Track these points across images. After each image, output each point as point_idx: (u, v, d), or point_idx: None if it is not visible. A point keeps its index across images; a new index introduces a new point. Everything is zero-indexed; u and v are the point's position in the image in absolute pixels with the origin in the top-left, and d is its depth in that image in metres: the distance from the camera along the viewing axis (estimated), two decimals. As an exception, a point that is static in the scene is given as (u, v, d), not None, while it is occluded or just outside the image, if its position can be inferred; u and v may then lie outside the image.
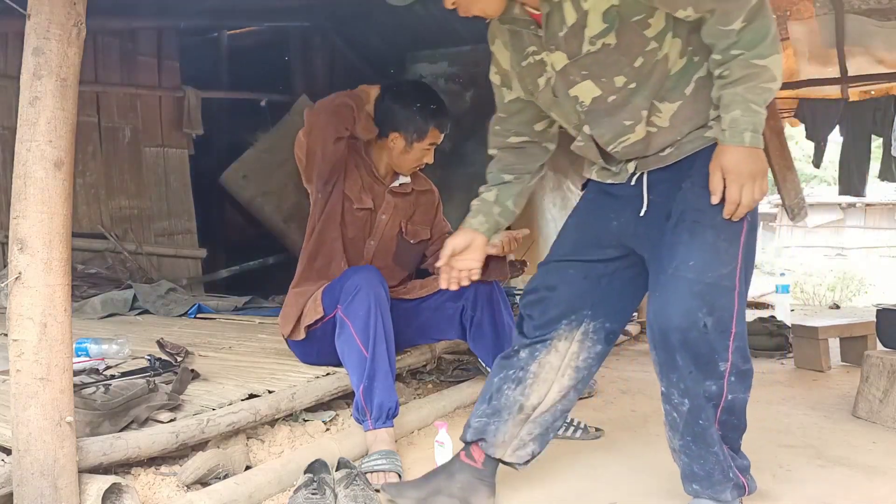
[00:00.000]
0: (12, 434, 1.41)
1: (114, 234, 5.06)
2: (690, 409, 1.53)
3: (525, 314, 1.74)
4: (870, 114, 6.13)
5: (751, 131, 1.42)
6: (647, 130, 1.54)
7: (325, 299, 2.19)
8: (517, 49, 1.62)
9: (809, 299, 8.41)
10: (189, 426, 1.77)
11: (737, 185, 1.43)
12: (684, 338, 1.47)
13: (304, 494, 1.64)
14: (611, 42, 1.44)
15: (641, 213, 1.59)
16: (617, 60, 1.46)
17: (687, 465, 1.60)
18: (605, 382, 3.08)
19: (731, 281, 1.48)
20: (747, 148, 1.42)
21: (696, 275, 1.46)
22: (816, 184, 24.63)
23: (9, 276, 1.38)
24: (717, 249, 1.47)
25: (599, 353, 1.73)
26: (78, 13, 1.40)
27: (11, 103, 4.44)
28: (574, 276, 1.69)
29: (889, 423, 2.38)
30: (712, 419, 1.54)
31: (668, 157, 1.56)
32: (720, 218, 1.47)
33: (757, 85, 1.40)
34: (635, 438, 2.28)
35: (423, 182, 2.52)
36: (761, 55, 1.39)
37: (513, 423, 1.70)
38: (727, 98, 1.43)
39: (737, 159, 1.43)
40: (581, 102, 1.56)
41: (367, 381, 2.01)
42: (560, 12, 1.46)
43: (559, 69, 1.54)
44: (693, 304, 1.46)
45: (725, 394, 1.52)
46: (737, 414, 1.58)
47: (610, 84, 1.50)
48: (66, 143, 1.39)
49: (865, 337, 3.43)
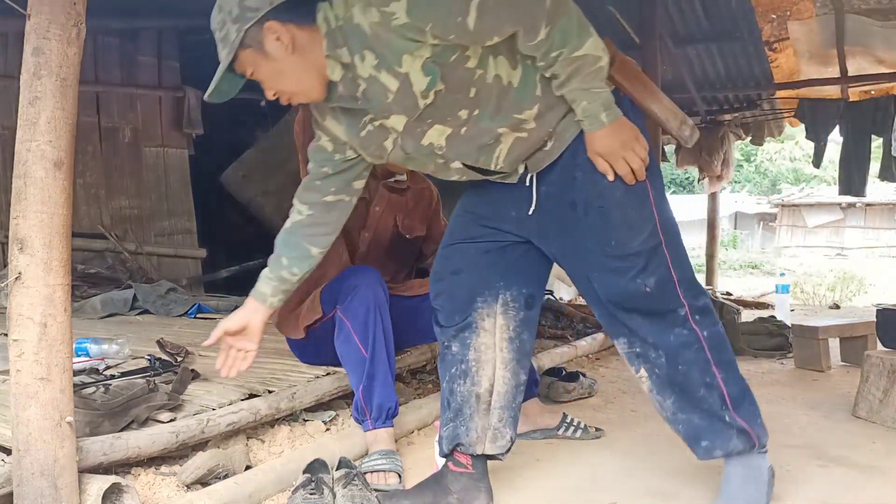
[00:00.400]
0: (12, 434, 1.41)
1: (114, 234, 5.07)
2: (667, 358, 1.57)
3: (437, 305, 1.76)
4: (870, 114, 6.14)
5: (604, 111, 1.48)
6: (516, 136, 1.54)
7: (324, 299, 2.19)
8: (352, 123, 1.60)
9: (809, 299, 8.41)
10: (189, 426, 1.77)
11: (619, 160, 1.51)
12: (633, 305, 1.56)
13: (302, 495, 1.64)
14: (441, 88, 1.44)
15: (530, 211, 1.62)
16: (453, 99, 1.46)
17: (687, 423, 1.61)
18: (605, 382, 3.09)
19: (656, 238, 1.55)
20: (609, 126, 1.49)
21: (621, 251, 1.54)
22: (816, 184, 24.64)
23: (9, 276, 1.38)
24: (631, 221, 1.54)
25: (525, 319, 1.73)
26: (78, 13, 1.40)
27: (11, 103, 4.44)
28: (476, 255, 1.70)
29: (889, 423, 2.38)
30: (691, 363, 1.57)
31: (553, 150, 1.57)
32: (620, 193, 1.54)
33: (587, 73, 1.45)
34: (635, 438, 2.28)
35: (420, 180, 2.52)
36: (577, 48, 1.43)
37: (478, 416, 1.71)
38: (569, 95, 1.49)
39: (606, 141, 1.50)
40: (438, 146, 1.56)
41: (366, 381, 2.01)
42: (378, 83, 1.44)
43: (402, 129, 1.54)
44: (630, 274, 1.54)
45: (700, 333, 1.57)
46: (722, 349, 1.60)
47: (456, 120, 1.50)
48: (66, 143, 1.39)
49: (865, 337, 3.44)
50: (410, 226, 2.47)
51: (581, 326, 4.33)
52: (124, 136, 5.30)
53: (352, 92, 1.50)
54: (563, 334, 4.02)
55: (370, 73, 1.44)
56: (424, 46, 1.38)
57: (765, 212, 25.06)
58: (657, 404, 1.64)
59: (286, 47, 1.44)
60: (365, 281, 2.07)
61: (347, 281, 2.11)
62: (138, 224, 5.36)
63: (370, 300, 2.04)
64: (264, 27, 1.43)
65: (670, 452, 2.12)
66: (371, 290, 2.06)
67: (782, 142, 23.57)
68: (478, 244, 1.71)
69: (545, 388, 2.75)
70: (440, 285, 1.75)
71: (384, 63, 1.41)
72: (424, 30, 1.35)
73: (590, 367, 3.45)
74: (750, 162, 27.95)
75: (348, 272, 2.18)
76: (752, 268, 16.01)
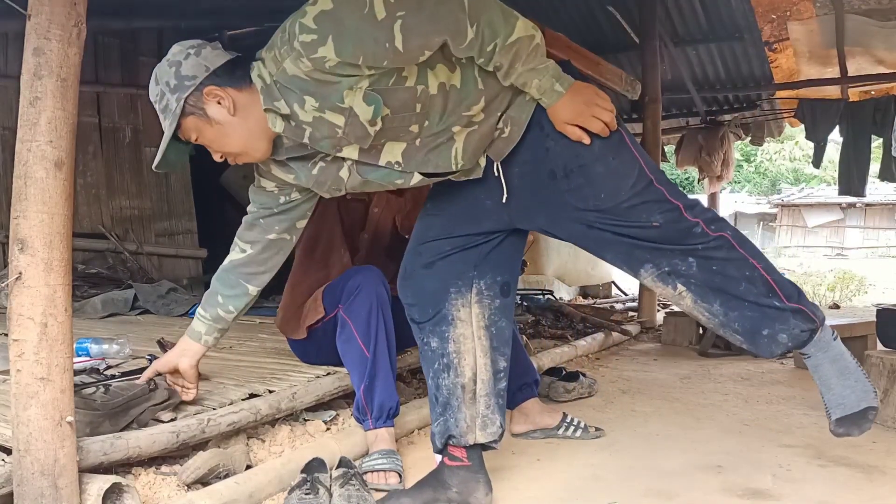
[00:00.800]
0: (12, 434, 1.41)
1: (114, 234, 5.06)
2: (699, 265, 1.56)
3: (408, 302, 1.77)
4: (870, 114, 6.14)
5: (556, 81, 1.50)
6: (468, 131, 1.55)
7: (326, 299, 2.19)
8: (302, 166, 1.62)
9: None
10: (189, 426, 1.77)
11: (589, 119, 1.52)
12: (649, 243, 1.56)
13: (297, 495, 1.64)
14: (386, 112, 1.46)
15: (503, 199, 1.63)
16: (401, 118, 1.48)
17: (740, 319, 1.57)
18: (605, 382, 3.09)
19: (645, 178, 1.56)
20: (567, 93, 1.51)
21: (614, 202, 1.54)
22: (816, 184, 24.64)
23: (9, 276, 1.38)
24: (615, 171, 1.55)
25: (501, 307, 1.74)
26: (78, 13, 1.39)
27: (12, 103, 4.45)
28: (450, 250, 1.72)
29: (889, 423, 2.38)
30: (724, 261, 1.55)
31: (513, 135, 1.58)
32: (597, 147, 1.54)
33: (527, 55, 1.47)
34: (635, 438, 2.28)
35: None
36: (508, 34, 1.44)
37: (466, 406, 1.71)
38: (518, 81, 1.50)
39: (570, 107, 1.51)
40: (395, 163, 1.57)
41: (368, 381, 2.01)
42: (325, 122, 1.46)
43: (357, 157, 1.55)
44: (633, 219, 1.55)
45: (724, 234, 1.57)
46: (750, 244, 1.60)
47: (408, 134, 1.52)
48: (66, 144, 1.39)
49: (865, 337, 3.44)
50: (410, 226, 2.46)
51: (581, 326, 4.34)
52: (125, 136, 5.30)
53: (299, 139, 1.53)
54: (563, 334, 4.03)
55: (313, 115, 1.46)
56: (362, 78, 1.40)
57: (765, 212, 25.08)
58: (706, 316, 1.60)
59: (228, 109, 1.49)
60: (368, 280, 2.08)
61: (350, 281, 2.11)
62: (139, 224, 5.36)
63: (373, 300, 2.05)
64: (204, 93, 1.48)
65: (670, 452, 2.13)
66: (374, 290, 2.06)
67: (782, 142, 23.57)
68: (453, 240, 1.72)
69: (545, 388, 2.75)
70: (409, 281, 1.76)
71: (326, 104, 1.44)
72: (357, 64, 1.38)
73: (590, 367, 3.45)
74: (750, 162, 27.94)
75: (351, 272, 2.18)
76: (752, 268, 15.95)
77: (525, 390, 2.30)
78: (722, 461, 2.04)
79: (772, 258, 9.85)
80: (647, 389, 2.99)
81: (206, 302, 1.82)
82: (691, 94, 6.42)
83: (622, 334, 4.30)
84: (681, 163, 7.26)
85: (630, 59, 6.24)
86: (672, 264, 1.57)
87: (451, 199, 1.73)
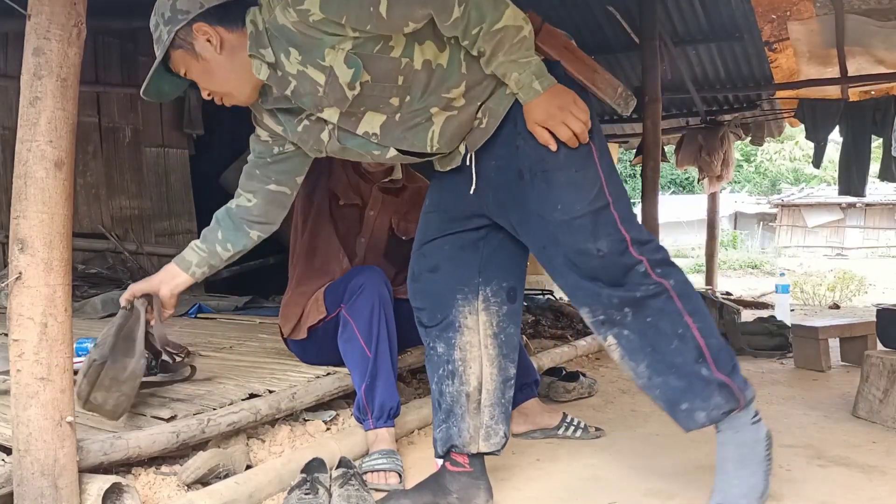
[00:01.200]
0: (12, 434, 1.41)
1: (114, 234, 5.06)
2: (634, 314, 1.52)
3: (417, 305, 1.77)
4: (870, 114, 6.14)
5: (536, 79, 1.48)
6: (447, 115, 1.55)
7: (328, 299, 2.19)
8: (289, 120, 1.64)
9: (809, 299, 8.40)
10: (189, 426, 1.77)
11: (559, 125, 1.49)
12: (590, 270, 1.52)
13: (297, 495, 1.64)
14: (367, 79, 1.46)
15: (471, 190, 1.63)
16: (382, 88, 1.48)
17: (664, 386, 1.52)
18: (605, 382, 3.09)
19: (602, 199, 1.52)
20: (545, 93, 1.48)
21: (568, 215, 1.51)
22: (816, 184, 24.64)
23: (9, 276, 1.38)
24: (576, 183, 1.52)
25: (509, 313, 1.73)
26: (78, 13, 1.40)
27: (12, 103, 4.45)
28: (451, 250, 1.71)
29: (889, 423, 2.38)
30: (659, 313, 1.50)
31: (489, 126, 1.58)
32: (562, 156, 1.52)
33: (511, 45, 1.45)
34: (635, 438, 2.28)
35: (416, 178, 2.51)
36: (495, 21, 1.43)
37: (470, 416, 1.70)
38: (499, 70, 1.49)
39: (544, 107, 1.48)
40: (372, 134, 1.57)
41: (369, 381, 2.01)
42: (308, 78, 1.48)
43: (337, 120, 1.57)
44: (579, 238, 1.51)
45: (665, 283, 1.51)
46: (692, 298, 1.54)
47: (388, 107, 1.52)
48: (66, 143, 1.39)
49: (865, 337, 3.44)
50: (406, 228, 2.46)
51: (581, 326, 4.33)
52: (125, 136, 5.30)
53: (283, 90, 1.55)
54: (563, 334, 4.03)
55: (297, 68, 1.48)
56: (346, 39, 1.41)
57: (765, 212, 25.07)
58: (632, 372, 1.56)
59: (215, 48, 1.52)
60: (370, 280, 2.08)
61: (353, 280, 2.11)
62: (139, 224, 5.36)
63: (375, 299, 2.05)
64: (194, 28, 1.51)
65: (670, 452, 2.13)
66: (376, 290, 2.06)
67: (782, 142, 23.58)
68: (451, 238, 1.72)
69: (545, 388, 2.75)
70: (417, 285, 1.76)
71: (309, 58, 1.45)
72: (341, 23, 1.39)
73: (590, 367, 3.45)
74: (750, 162, 27.94)
75: (353, 272, 2.19)
76: (751, 268, 15.99)
77: (525, 390, 2.30)
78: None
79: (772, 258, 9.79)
80: (647, 389, 2.98)
81: (205, 237, 1.83)
82: (691, 93, 6.43)
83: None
84: (681, 163, 7.26)
85: (630, 59, 6.24)
86: (608, 313, 1.53)
87: (441, 192, 1.74)
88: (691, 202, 22.36)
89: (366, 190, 2.39)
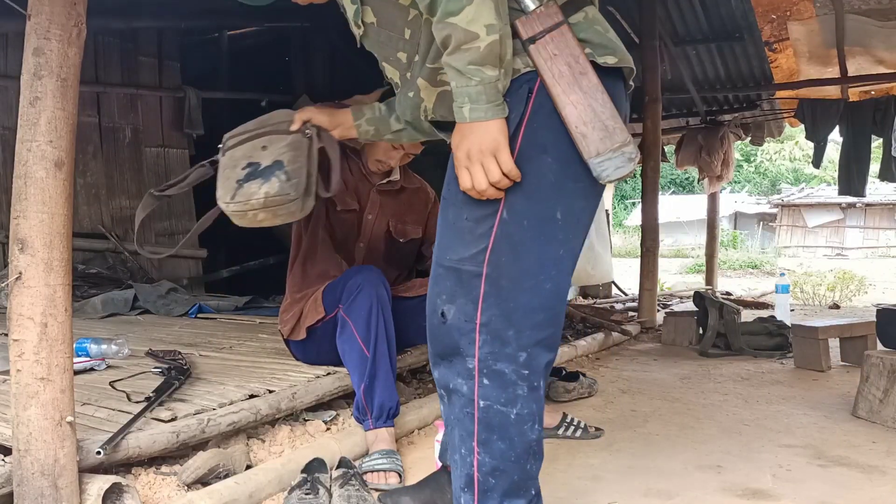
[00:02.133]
0: (12, 434, 1.41)
1: (114, 234, 5.06)
2: (448, 397, 1.32)
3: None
4: (870, 114, 6.14)
5: (469, 103, 1.18)
6: (438, 91, 1.36)
7: (326, 299, 2.19)
8: None
9: (809, 299, 8.40)
10: (190, 426, 1.77)
11: (461, 169, 1.22)
12: (429, 327, 1.32)
13: (297, 495, 1.64)
14: (372, 20, 1.35)
15: None
16: (388, 37, 1.36)
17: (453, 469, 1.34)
18: (605, 382, 3.09)
19: (477, 265, 1.24)
20: (467, 125, 1.20)
21: (437, 257, 1.31)
22: (816, 184, 24.64)
23: (9, 276, 1.38)
24: (460, 230, 1.27)
25: None
26: (78, 13, 1.40)
27: (12, 103, 4.44)
28: None
29: (889, 423, 2.38)
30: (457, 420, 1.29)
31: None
32: (462, 198, 1.26)
33: (456, 48, 1.17)
34: (635, 438, 2.28)
35: (413, 180, 2.50)
36: (449, 12, 1.15)
37: None
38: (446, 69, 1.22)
39: (457, 139, 1.22)
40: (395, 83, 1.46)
41: (368, 381, 2.01)
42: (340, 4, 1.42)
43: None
44: (433, 290, 1.31)
45: (476, 399, 1.25)
46: (499, 434, 1.26)
47: (398, 62, 1.38)
48: (66, 144, 1.39)
49: (865, 337, 3.44)
50: (404, 230, 2.45)
51: (581, 326, 4.34)
52: (125, 136, 5.30)
53: None
54: (563, 334, 4.03)
55: None
56: None
57: (765, 212, 25.08)
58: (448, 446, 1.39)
59: None
60: (368, 280, 2.07)
61: (350, 280, 2.11)
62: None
63: (373, 299, 2.04)
64: None
65: (670, 452, 2.13)
66: (374, 290, 2.06)
67: (782, 142, 23.59)
68: None
69: (545, 387, 2.75)
70: None
71: None
72: None
73: (590, 367, 3.45)
74: (750, 162, 27.96)
75: (351, 272, 2.18)
76: (752, 268, 16.00)
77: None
78: (722, 461, 2.05)
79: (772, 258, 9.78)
80: (647, 389, 2.99)
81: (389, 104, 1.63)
82: (691, 93, 6.42)
83: (622, 334, 4.30)
84: (681, 163, 7.26)
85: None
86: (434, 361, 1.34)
87: None
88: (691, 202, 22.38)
89: (364, 193, 2.38)
